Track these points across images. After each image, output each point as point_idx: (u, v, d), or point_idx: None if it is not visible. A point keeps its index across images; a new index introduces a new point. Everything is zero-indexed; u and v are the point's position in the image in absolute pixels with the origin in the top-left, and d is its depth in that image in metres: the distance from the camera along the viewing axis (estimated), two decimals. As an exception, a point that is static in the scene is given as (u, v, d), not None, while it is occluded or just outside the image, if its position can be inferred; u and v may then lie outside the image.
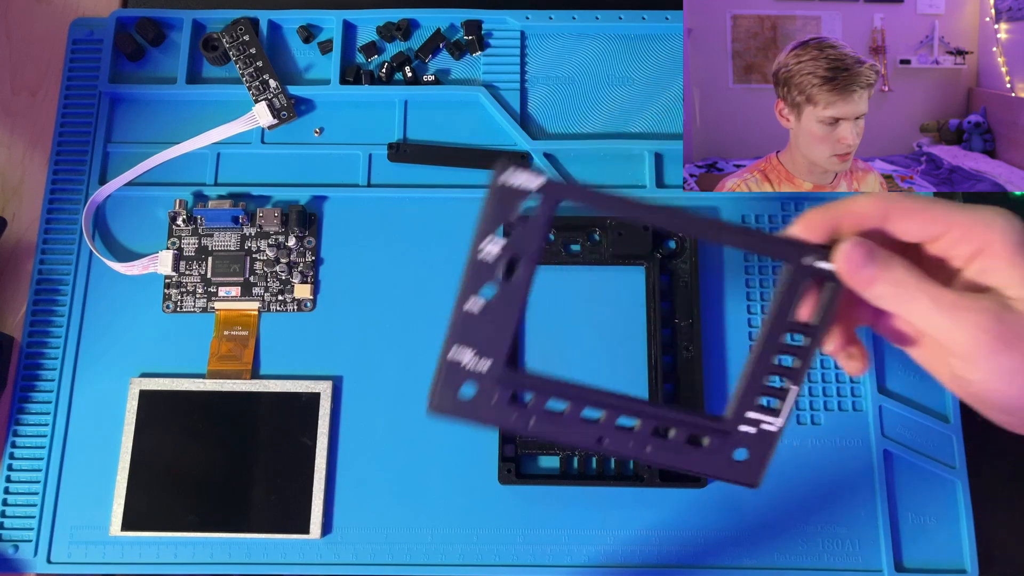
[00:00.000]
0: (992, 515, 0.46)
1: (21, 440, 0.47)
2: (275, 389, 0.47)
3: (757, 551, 0.45)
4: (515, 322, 0.33)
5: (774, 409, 0.34)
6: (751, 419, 0.34)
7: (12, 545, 0.46)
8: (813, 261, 0.32)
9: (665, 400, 0.46)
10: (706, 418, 0.35)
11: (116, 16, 0.54)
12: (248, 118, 0.51)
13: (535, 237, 0.32)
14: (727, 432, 0.34)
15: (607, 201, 0.31)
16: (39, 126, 0.53)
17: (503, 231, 0.32)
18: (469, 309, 0.32)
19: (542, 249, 0.32)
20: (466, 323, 0.33)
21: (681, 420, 0.34)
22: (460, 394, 0.33)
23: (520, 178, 0.31)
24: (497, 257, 0.32)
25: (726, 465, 0.34)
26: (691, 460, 0.35)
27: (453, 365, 0.33)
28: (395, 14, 0.54)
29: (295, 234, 0.50)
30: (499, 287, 0.32)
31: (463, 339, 0.33)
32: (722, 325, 0.48)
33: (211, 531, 0.45)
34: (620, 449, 0.34)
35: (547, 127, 0.52)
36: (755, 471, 0.34)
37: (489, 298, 0.33)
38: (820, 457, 0.47)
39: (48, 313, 0.49)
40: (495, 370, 0.33)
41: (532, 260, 0.32)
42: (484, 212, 0.32)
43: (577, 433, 0.34)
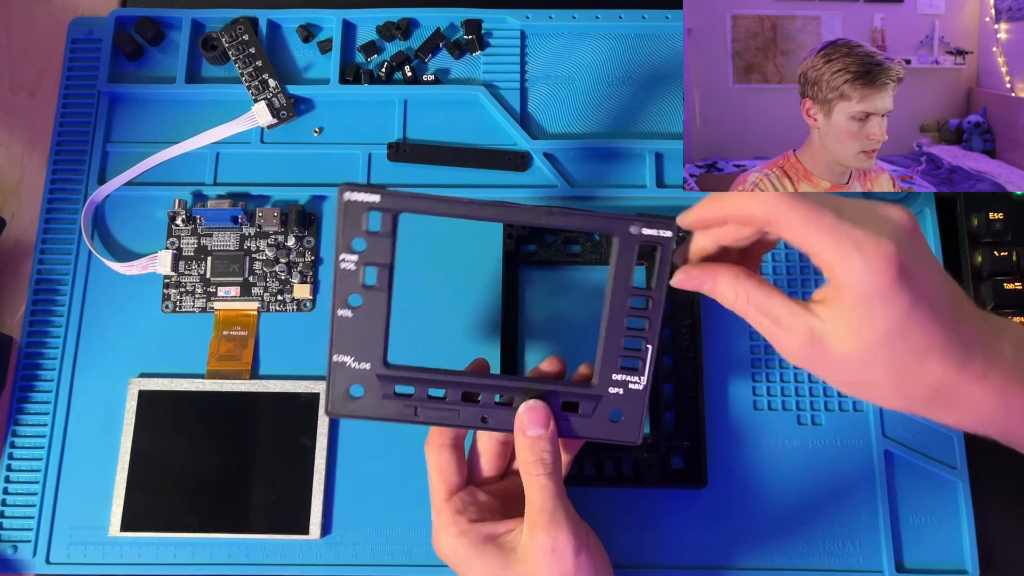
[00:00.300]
0: (993, 515, 0.46)
1: (20, 440, 0.47)
2: (274, 389, 0.47)
3: (757, 551, 0.45)
4: (384, 324, 0.37)
5: (637, 369, 0.37)
6: (618, 381, 0.37)
7: (11, 545, 0.46)
8: (640, 229, 0.35)
9: (665, 401, 0.46)
10: (577, 385, 0.38)
11: (115, 15, 0.54)
12: (247, 118, 0.51)
13: (386, 247, 0.36)
14: (599, 396, 0.37)
15: (442, 204, 0.35)
16: (38, 125, 0.53)
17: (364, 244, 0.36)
18: (343, 315, 0.36)
19: (393, 256, 0.36)
20: (342, 330, 0.36)
21: (553, 390, 0.37)
22: (351, 395, 0.37)
23: (361, 195, 0.35)
24: (357, 267, 0.36)
25: (605, 427, 0.38)
26: (572, 426, 0.38)
27: (338, 369, 0.37)
28: (395, 13, 0.54)
29: (294, 234, 0.50)
30: (364, 295, 0.36)
31: (343, 345, 0.37)
32: (722, 325, 0.48)
33: (210, 531, 0.45)
34: (503, 424, 0.38)
35: (547, 127, 0.52)
36: (633, 428, 0.38)
37: (358, 305, 0.36)
38: (821, 457, 0.46)
39: (47, 313, 0.49)
40: (376, 369, 0.37)
41: (387, 268, 0.36)
42: (337, 229, 0.35)
43: (461, 415, 0.37)
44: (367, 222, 0.35)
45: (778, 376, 0.48)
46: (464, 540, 0.37)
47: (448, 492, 0.38)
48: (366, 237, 0.35)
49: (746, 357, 0.48)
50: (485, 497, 0.39)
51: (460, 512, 0.38)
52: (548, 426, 0.37)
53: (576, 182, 0.51)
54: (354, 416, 0.37)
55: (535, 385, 0.37)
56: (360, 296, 0.36)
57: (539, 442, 0.36)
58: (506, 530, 0.37)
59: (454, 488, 0.39)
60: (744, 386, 0.48)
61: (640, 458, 0.46)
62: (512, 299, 0.48)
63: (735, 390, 0.48)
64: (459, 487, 0.39)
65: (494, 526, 0.37)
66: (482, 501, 0.39)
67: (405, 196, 0.35)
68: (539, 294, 0.49)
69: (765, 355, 0.48)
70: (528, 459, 0.36)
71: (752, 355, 0.48)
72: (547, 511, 0.36)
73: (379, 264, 0.36)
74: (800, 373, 0.48)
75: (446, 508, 0.38)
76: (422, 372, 0.37)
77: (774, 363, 0.48)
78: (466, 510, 0.38)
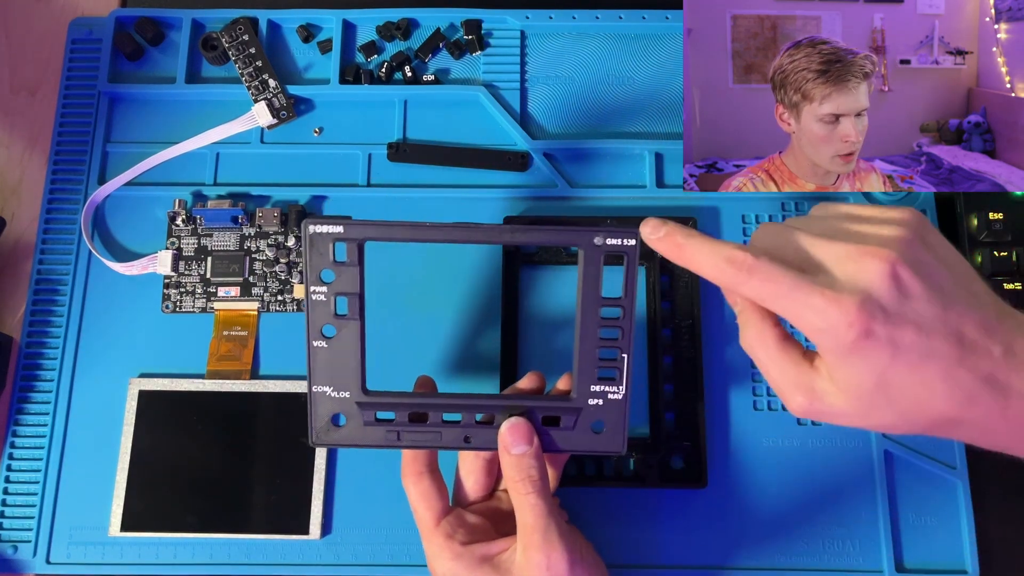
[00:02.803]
0: (993, 515, 0.46)
1: (20, 440, 0.47)
2: (274, 389, 0.47)
3: (757, 551, 0.45)
4: (359, 352, 0.37)
5: (615, 379, 0.37)
6: (596, 392, 0.37)
7: (11, 546, 0.46)
8: (604, 240, 0.35)
9: (665, 401, 0.46)
10: (556, 399, 0.38)
11: (115, 15, 0.54)
12: (247, 118, 0.51)
13: (354, 276, 0.36)
14: (578, 408, 0.37)
15: (405, 230, 0.35)
16: (38, 126, 0.53)
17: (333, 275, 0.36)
18: (318, 346, 0.36)
19: (363, 285, 0.36)
20: (320, 360, 0.37)
21: (533, 406, 0.37)
22: (334, 424, 0.37)
23: (324, 227, 0.35)
24: (327, 297, 0.36)
25: (589, 439, 0.38)
26: (555, 441, 0.38)
27: (319, 399, 0.37)
28: (395, 13, 0.54)
29: (295, 234, 0.50)
30: (337, 325, 0.36)
31: (321, 375, 0.37)
32: (722, 325, 0.48)
33: (210, 531, 0.45)
34: (486, 443, 0.38)
35: (547, 127, 0.52)
36: (616, 439, 0.38)
37: (332, 335, 0.36)
38: (821, 457, 0.46)
39: (47, 313, 0.49)
40: (355, 397, 0.37)
41: (357, 296, 0.36)
42: (304, 261, 0.36)
43: (444, 437, 0.37)
44: (334, 252, 0.36)
45: (778, 376, 0.48)
46: (459, 564, 0.37)
47: (436, 518, 0.38)
48: (334, 268, 0.36)
49: (746, 357, 0.48)
50: (474, 518, 0.39)
51: (450, 536, 0.38)
52: (532, 442, 0.37)
53: (576, 182, 0.51)
54: (339, 445, 0.37)
55: (515, 402, 0.38)
56: (333, 326, 0.36)
57: (524, 459, 0.36)
58: (500, 550, 0.37)
59: (441, 513, 0.38)
60: (744, 386, 0.48)
61: (640, 458, 0.46)
62: (512, 299, 0.48)
63: (735, 390, 0.48)
64: (445, 511, 0.39)
65: (487, 547, 0.37)
66: (471, 523, 0.39)
67: (368, 224, 0.35)
68: (539, 294, 0.49)
69: (765, 355, 0.48)
70: (515, 477, 0.36)
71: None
72: (539, 530, 0.36)
73: (349, 293, 0.36)
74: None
75: (436, 534, 0.38)
76: (401, 397, 0.37)
77: (774, 363, 0.48)
78: (456, 533, 0.38)
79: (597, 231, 0.35)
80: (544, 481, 0.37)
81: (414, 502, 0.39)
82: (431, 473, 0.39)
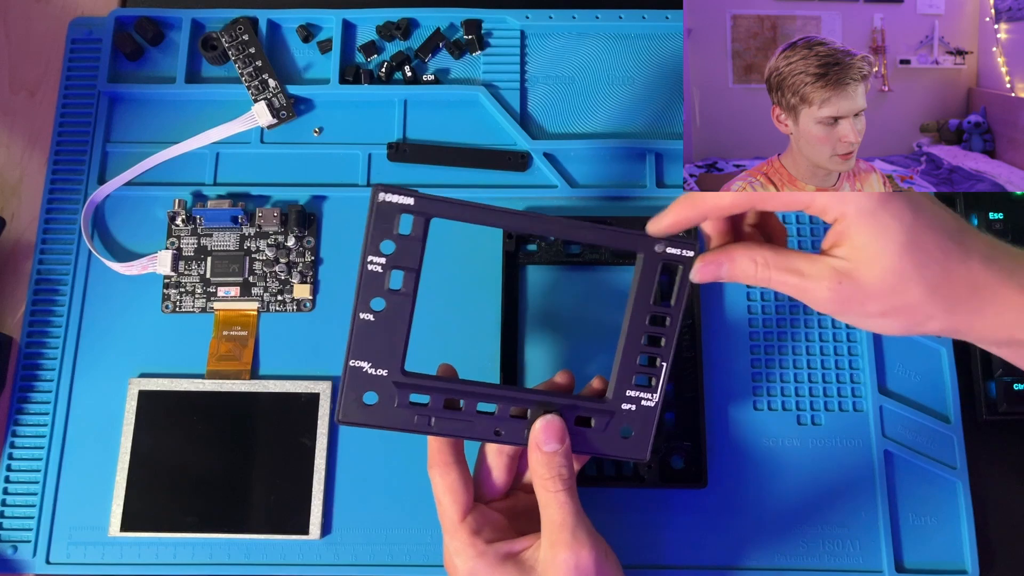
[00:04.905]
0: (993, 515, 0.46)
1: (20, 440, 0.47)
2: (274, 389, 0.47)
3: (757, 551, 0.45)
4: (406, 330, 0.36)
5: (650, 386, 0.37)
6: (631, 397, 0.37)
7: (11, 546, 0.46)
8: (664, 248, 0.36)
9: (665, 400, 0.46)
10: (591, 401, 0.38)
11: (115, 15, 0.54)
12: (247, 118, 0.51)
13: (415, 251, 0.35)
14: (612, 412, 0.37)
15: (475, 212, 0.35)
16: (38, 125, 0.53)
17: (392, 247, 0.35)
18: (364, 319, 0.35)
19: (421, 261, 0.35)
20: (362, 334, 0.35)
21: (569, 404, 0.37)
22: (364, 402, 0.36)
23: (395, 196, 0.34)
24: (384, 270, 0.35)
25: (616, 443, 0.38)
26: (584, 442, 0.38)
27: (354, 375, 0.36)
28: (395, 13, 0.54)
29: (294, 234, 0.50)
30: (388, 299, 0.35)
31: (361, 349, 0.36)
32: (722, 325, 0.48)
33: (210, 531, 0.45)
34: (516, 438, 0.37)
35: (547, 127, 0.52)
36: (642, 446, 0.38)
37: (381, 309, 0.35)
38: (820, 457, 0.46)
39: (47, 313, 0.49)
40: (392, 376, 0.36)
41: (414, 272, 0.35)
42: (368, 228, 0.35)
43: (476, 427, 0.37)
44: (398, 225, 0.35)
45: (778, 376, 0.48)
46: (483, 562, 0.36)
47: (462, 513, 0.37)
48: (396, 240, 0.35)
49: (746, 357, 0.48)
50: (495, 515, 0.38)
51: (476, 533, 0.37)
52: (564, 441, 0.36)
53: (576, 182, 0.51)
54: (366, 424, 0.36)
55: (551, 399, 0.37)
56: (384, 300, 0.35)
57: (556, 457, 0.36)
58: (523, 548, 0.37)
59: (466, 508, 0.37)
60: (744, 386, 0.48)
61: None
62: (512, 299, 0.48)
63: (735, 390, 0.48)
64: (470, 506, 0.37)
65: (510, 544, 0.37)
66: (494, 520, 0.38)
67: (440, 201, 0.34)
68: (539, 294, 0.49)
69: (765, 355, 0.48)
70: (545, 475, 0.36)
71: (752, 355, 0.48)
72: (568, 528, 0.35)
73: (407, 268, 0.35)
74: (800, 373, 0.48)
75: (461, 530, 0.37)
76: (440, 381, 0.36)
77: (774, 363, 0.48)
78: (482, 530, 0.37)
79: (657, 239, 0.36)
80: (573, 480, 0.36)
81: (440, 494, 0.37)
82: (459, 464, 0.37)
